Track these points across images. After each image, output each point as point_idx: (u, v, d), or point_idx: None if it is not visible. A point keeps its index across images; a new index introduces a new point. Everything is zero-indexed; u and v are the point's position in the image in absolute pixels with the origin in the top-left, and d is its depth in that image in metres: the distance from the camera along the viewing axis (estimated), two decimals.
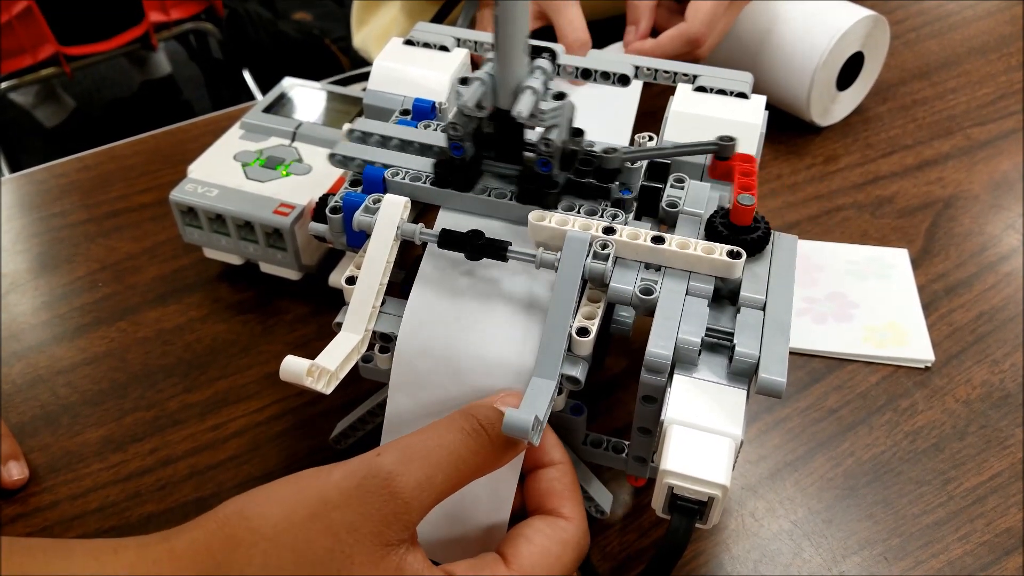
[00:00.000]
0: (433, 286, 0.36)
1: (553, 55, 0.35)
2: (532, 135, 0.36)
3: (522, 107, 0.33)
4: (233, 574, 0.28)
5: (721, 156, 0.36)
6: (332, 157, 0.39)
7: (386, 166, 0.38)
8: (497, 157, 0.38)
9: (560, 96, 0.34)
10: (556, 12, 0.58)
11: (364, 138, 0.40)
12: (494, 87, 0.34)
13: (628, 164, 0.37)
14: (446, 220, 0.37)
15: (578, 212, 0.36)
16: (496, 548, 0.32)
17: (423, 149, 0.39)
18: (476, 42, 0.46)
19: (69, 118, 1.95)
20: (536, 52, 0.35)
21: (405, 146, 0.40)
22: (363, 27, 0.93)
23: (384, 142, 0.40)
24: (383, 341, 0.37)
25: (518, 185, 0.37)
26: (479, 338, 0.35)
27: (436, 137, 0.40)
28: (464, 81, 0.34)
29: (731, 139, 0.36)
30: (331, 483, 0.29)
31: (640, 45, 0.58)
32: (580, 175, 0.37)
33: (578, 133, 0.37)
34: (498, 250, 0.34)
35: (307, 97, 0.58)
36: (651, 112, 0.62)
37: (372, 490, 0.28)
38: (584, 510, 0.34)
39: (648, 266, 0.35)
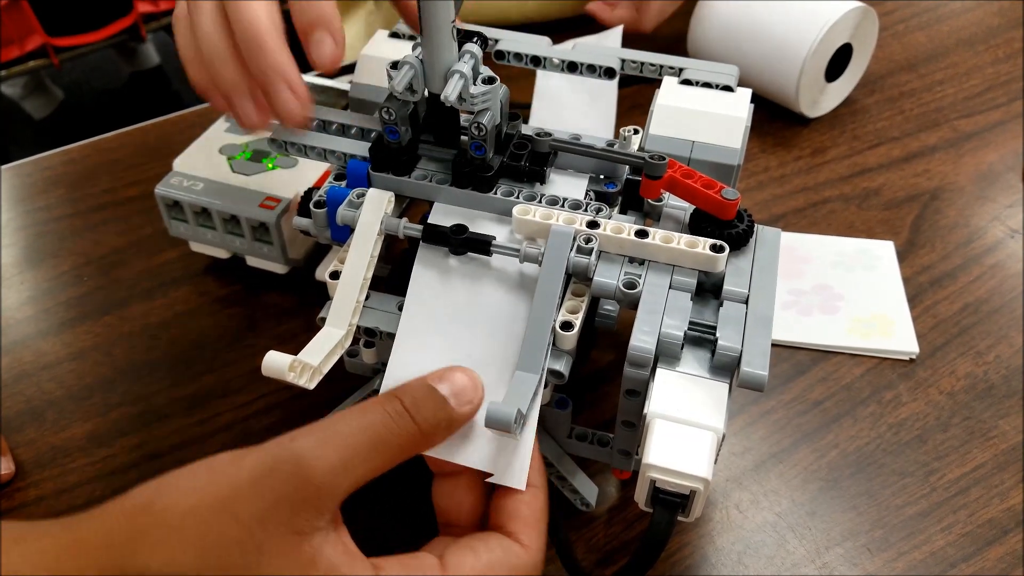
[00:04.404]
0: (427, 283, 0.36)
1: (483, 40, 0.35)
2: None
3: (450, 91, 0.33)
4: (137, 568, 0.26)
5: (652, 175, 0.35)
6: (272, 142, 0.39)
7: (326, 150, 0.38)
8: (435, 141, 0.38)
9: (491, 80, 0.34)
10: None
11: None
12: (424, 71, 0.34)
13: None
14: (439, 214, 0.37)
15: (562, 206, 0.36)
16: (440, 552, 0.30)
17: (363, 133, 0.39)
18: None
19: (58, 109, 1.94)
20: (466, 36, 0.35)
21: (345, 130, 0.40)
22: None
23: (324, 126, 0.40)
24: (367, 335, 0.37)
25: (453, 169, 0.37)
26: (470, 330, 0.35)
27: (374, 121, 0.40)
28: (395, 65, 0.34)
29: (663, 157, 0.35)
30: (243, 469, 0.27)
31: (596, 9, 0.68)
32: (515, 159, 0.37)
33: (514, 117, 0.37)
34: (482, 245, 0.34)
35: None
36: (639, 105, 0.62)
37: (282, 477, 0.27)
38: (545, 543, 0.32)
39: (632, 260, 0.35)
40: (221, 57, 0.34)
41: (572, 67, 0.44)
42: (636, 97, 0.62)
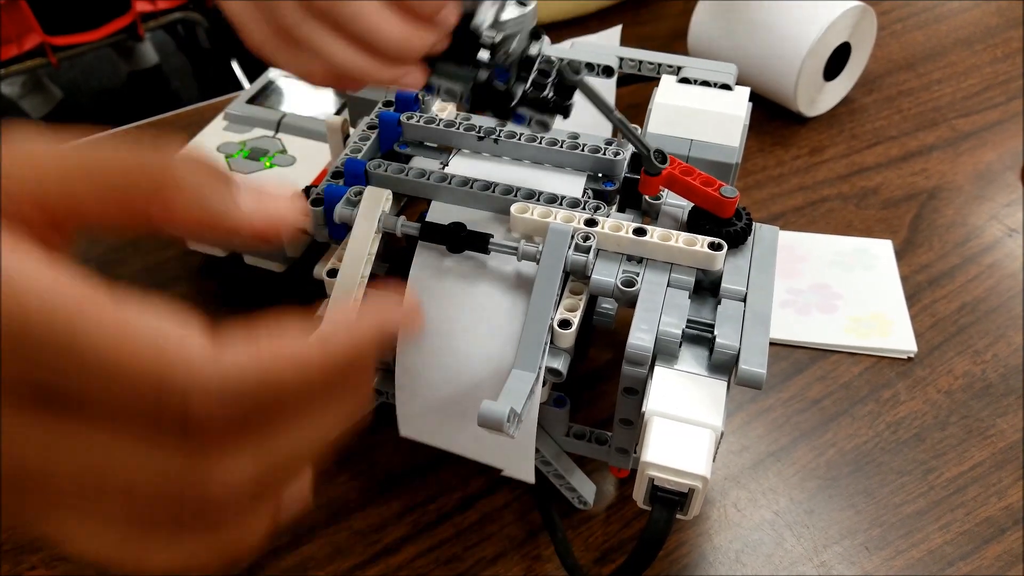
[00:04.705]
0: (425, 277, 0.36)
1: None
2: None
3: (481, 20, 0.31)
4: None
5: (650, 171, 0.35)
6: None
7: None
8: (450, 58, 0.34)
9: (523, 2, 0.32)
10: None
11: None
12: None
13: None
14: (437, 212, 0.37)
15: (560, 204, 0.36)
16: None
17: None
18: None
19: (56, 108, 1.93)
20: None
21: None
22: None
23: None
24: None
25: (472, 92, 0.34)
26: (471, 327, 0.35)
27: None
28: None
29: (664, 155, 0.35)
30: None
31: None
32: (538, 87, 0.34)
33: (536, 35, 0.34)
34: (480, 243, 0.34)
35: (292, 87, 0.58)
36: (637, 104, 0.62)
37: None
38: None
39: (630, 258, 0.35)
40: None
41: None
42: (634, 96, 0.62)
